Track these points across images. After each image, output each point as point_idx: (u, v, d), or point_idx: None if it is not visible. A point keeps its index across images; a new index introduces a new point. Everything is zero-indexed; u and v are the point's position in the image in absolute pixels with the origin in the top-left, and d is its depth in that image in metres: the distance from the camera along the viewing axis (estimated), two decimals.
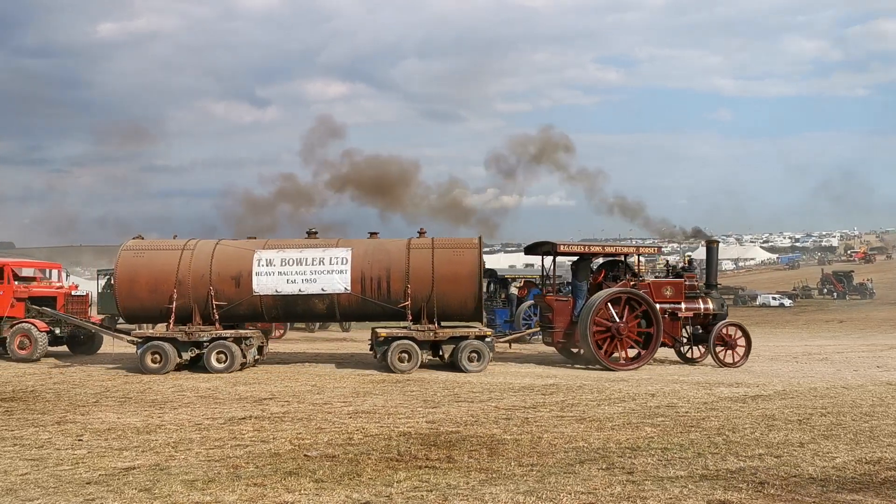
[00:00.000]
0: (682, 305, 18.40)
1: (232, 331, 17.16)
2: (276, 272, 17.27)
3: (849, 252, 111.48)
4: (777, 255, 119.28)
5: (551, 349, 20.17)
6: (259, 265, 17.32)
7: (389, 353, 16.77)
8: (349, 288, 17.27)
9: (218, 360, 16.69)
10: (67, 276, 29.96)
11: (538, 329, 19.61)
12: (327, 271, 17.33)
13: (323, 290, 17.29)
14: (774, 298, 56.69)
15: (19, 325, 19.00)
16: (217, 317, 17.12)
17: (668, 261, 19.90)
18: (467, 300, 17.45)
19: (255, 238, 18.63)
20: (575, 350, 18.95)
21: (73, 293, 20.60)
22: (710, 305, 18.84)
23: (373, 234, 18.92)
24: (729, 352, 18.40)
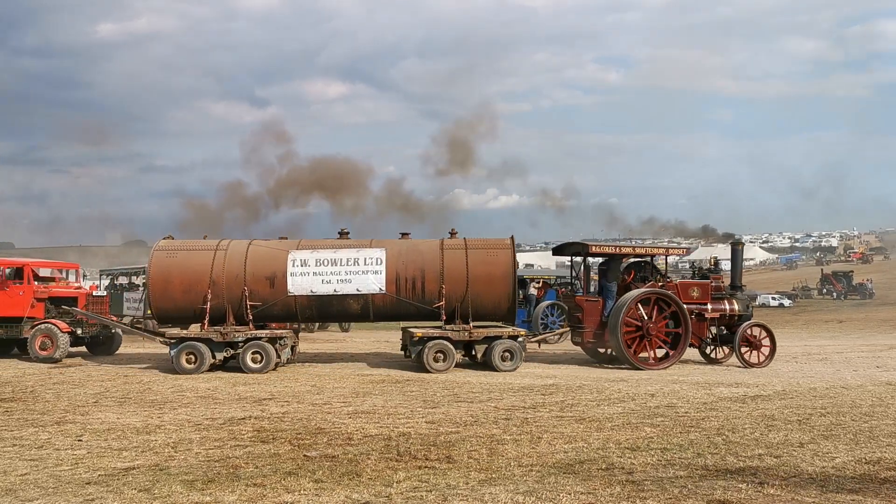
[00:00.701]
0: (709, 306, 18.64)
1: (267, 331, 17.32)
2: (311, 272, 17.41)
3: (847, 252, 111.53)
4: (776, 256, 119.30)
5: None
6: (294, 265, 17.44)
7: (425, 353, 16.91)
8: (384, 288, 17.46)
9: (253, 360, 16.81)
10: (85, 276, 30.01)
11: (568, 329, 19.72)
12: (362, 272, 17.50)
13: (358, 290, 17.48)
14: (774, 298, 56.73)
15: (41, 325, 18.90)
16: (251, 317, 17.23)
17: (693, 261, 20.16)
18: (501, 300, 17.71)
19: (286, 238, 18.72)
20: (602, 350, 19.17)
21: (93, 293, 20.51)
22: (736, 306, 19.08)
23: (404, 235, 19.13)
24: (754, 352, 18.59)
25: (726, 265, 22.47)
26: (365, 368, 17.43)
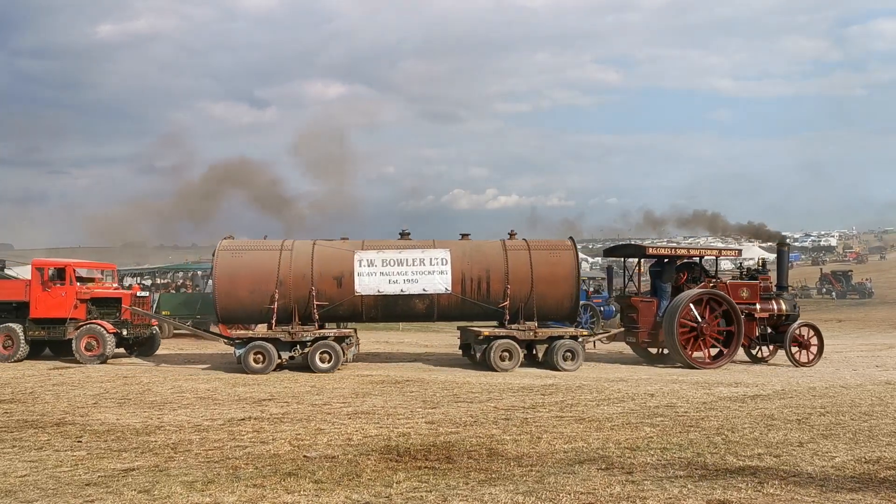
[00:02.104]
0: (758, 306, 18.92)
1: (334, 330, 17.45)
2: (378, 272, 17.64)
3: (845, 251, 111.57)
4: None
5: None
6: (360, 266, 17.65)
7: (492, 353, 17.09)
8: (450, 288, 17.72)
9: (321, 360, 16.93)
10: (122, 277, 29.91)
11: (622, 329, 19.90)
12: (428, 272, 17.76)
13: (424, 290, 17.73)
14: None
15: (87, 325, 18.80)
16: (317, 317, 17.35)
17: (741, 262, 20.51)
18: (564, 300, 18.07)
19: (347, 239, 18.83)
20: (654, 350, 19.43)
21: (136, 294, 20.30)
22: (783, 306, 19.37)
23: (464, 236, 19.43)
24: (803, 352, 18.82)
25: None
26: (364, 369, 17.43)
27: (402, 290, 17.65)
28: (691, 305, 17.88)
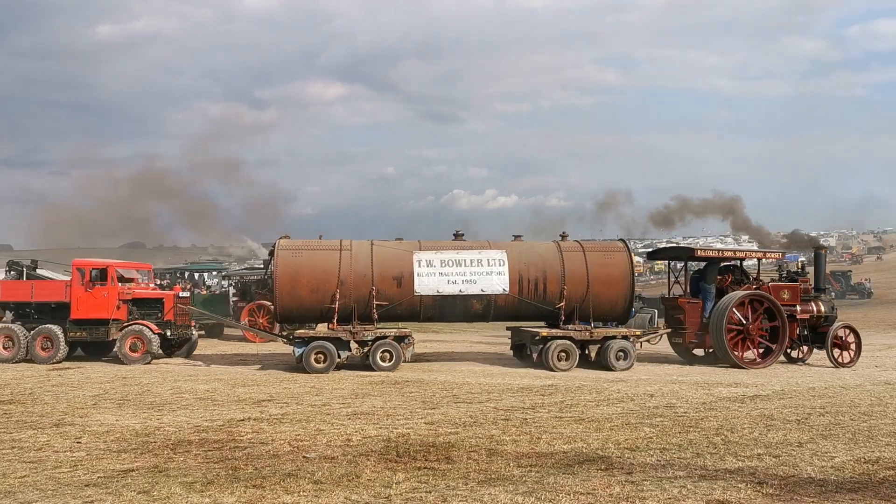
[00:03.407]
0: (798, 308, 19.16)
1: (395, 329, 17.59)
2: (437, 273, 17.84)
3: (842, 252, 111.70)
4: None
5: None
6: (420, 266, 17.83)
7: (550, 353, 17.28)
8: (507, 289, 17.93)
9: (382, 359, 17.07)
10: (161, 277, 29.84)
11: (669, 330, 20.02)
12: (486, 273, 17.98)
13: (482, 290, 17.94)
14: None
15: (132, 326, 18.72)
16: (377, 317, 17.49)
17: (781, 264, 20.84)
18: (618, 301, 18.41)
19: (402, 239, 18.97)
20: (697, 351, 19.66)
21: (178, 295, 20.17)
22: (822, 308, 19.65)
23: (517, 237, 19.72)
24: (843, 352, 19.03)
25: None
26: (363, 370, 17.42)
27: (460, 291, 17.91)
28: (734, 309, 18.21)
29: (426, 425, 10.36)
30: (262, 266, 34.57)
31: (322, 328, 18.36)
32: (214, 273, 36.34)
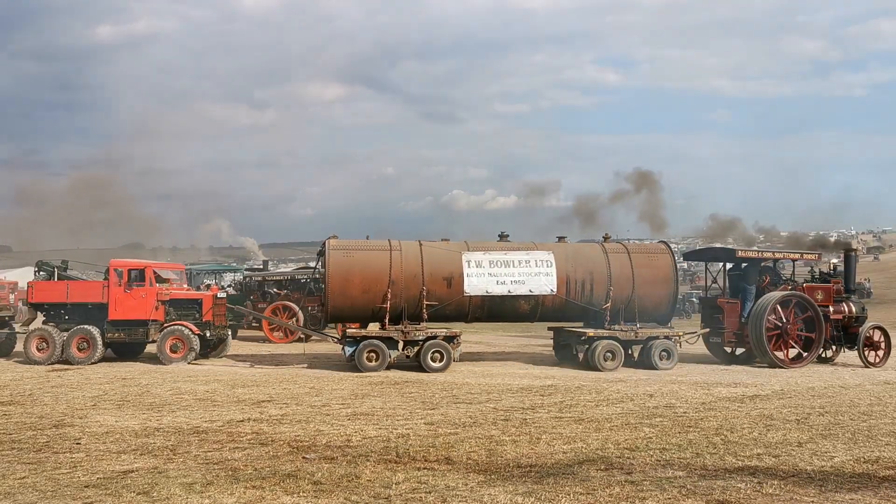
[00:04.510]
0: (831, 308, 19.40)
1: (445, 329, 17.69)
2: (486, 273, 18.00)
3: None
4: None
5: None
6: (469, 266, 17.98)
7: (595, 353, 17.48)
8: (555, 290, 18.14)
9: (433, 359, 17.18)
10: (199, 278, 29.78)
11: (708, 329, 20.13)
12: (534, 273, 18.15)
13: (530, 291, 18.12)
14: None
15: (172, 327, 18.66)
16: (426, 317, 17.62)
17: (812, 266, 21.10)
18: (662, 302, 18.74)
19: (447, 240, 19.06)
20: (729, 350, 19.91)
21: (216, 296, 20.06)
22: (853, 308, 19.89)
23: (561, 238, 19.93)
24: (873, 352, 19.29)
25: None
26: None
27: (509, 291, 18.06)
28: (779, 307, 18.47)
29: (426, 426, 10.36)
30: (261, 267, 34.67)
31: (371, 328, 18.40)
32: (228, 274, 36.32)
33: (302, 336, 25.42)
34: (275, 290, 27.55)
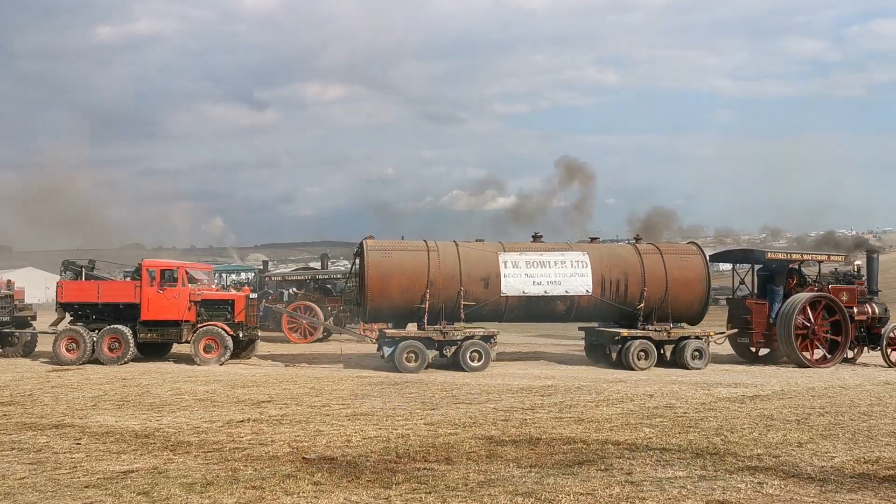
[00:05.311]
0: (855, 309, 19.56)
1: (482, 329, 17.81)
2: (523, 274, 18.10)
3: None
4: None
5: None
6: (506, 267, 18.07)
7: (630, 353, 17.64)
8: (590, 290, 18.25)
9: (472, 359, 17.29)
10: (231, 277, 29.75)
11: (736, 330, 20.25)
12: (570, 274, 18.30)
13: (566, 291, 18.25)
14: None
15: (207, 327, 18.62)
16: (464, 317, 17.70)
17: (836, 268, 21.35)
18: (695, 303, 18.90)
19: (482, 241, 19.13)
20: (755, 350, 20.10)
21: (249, 296, 19.98)
22: (876, 309, 20.10)
23: (594, 239, 20.20)
24: (894, 352, 19.47)
25: (725, 266, 23.02)
26: (363, 370, 17.42)
27: (545, 292, 18.15)
28: (808, 307, 18.62)
29: (426, 426, 10.35)
30: (261, 268, 34.63)
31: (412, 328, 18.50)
32: (242, 274, 36.27)
33: (323, 334, 26.08)
34: (294, 289, 27.59)
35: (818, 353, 18.89)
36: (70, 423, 10.71)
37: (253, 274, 33.49)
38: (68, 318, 19.45)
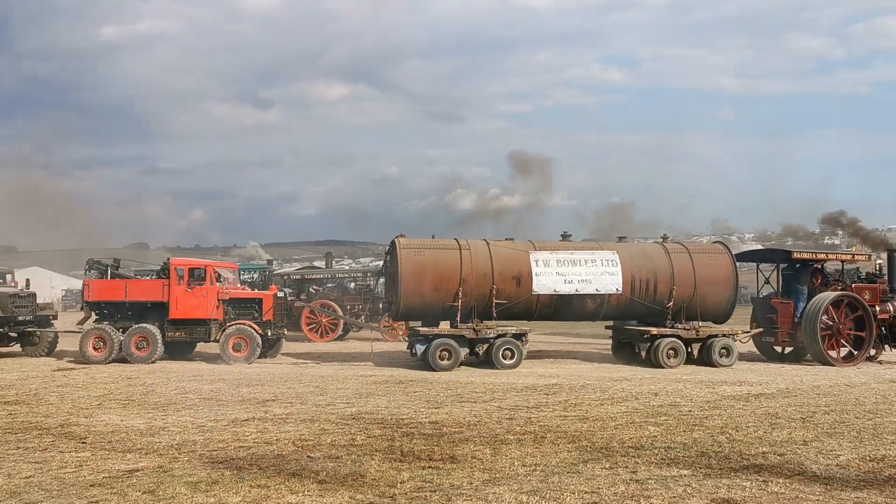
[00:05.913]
0: (877, 308, 19.67)
1: (514, 328, 17.90)
2: (554, 273, 18.23)
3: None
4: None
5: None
6: (537, 266, 18.20)
7: (658, 351, 17.81)
8: (620, 289, 18.36)
9: (504, 357, 17.42)
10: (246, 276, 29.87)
11: (762, 329, 20.29)
12: (600, 273, 18.40)
13: (597, 290, 18.37)
14: None
15: (236, 326, 18.66)
16: (496, 315, 17.84)
17: (858, 267, 21.49)
18: (722, 301, 19.05)
19: (513, 240, 19.23)
20: (779, 349, 20.23)
21: (276, 295, 20.04)
22: None
23: (622, 238, 20.36)
24: None
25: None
26: (368, 369, 17.44)
27: (576, 290, 18.27)
28: (831, 307, 18.67)
29: (430, 424, 10.35)
30: (267, 266, 34.63)
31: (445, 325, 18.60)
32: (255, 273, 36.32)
33: (346, 329, 26.41)
34: (314, 287, 27.62)
35: (843, 350, 18.95)
36: (75, 423, 10.74)
37: (266, 272, 33.48)
38: (94, 317, 19.50)
